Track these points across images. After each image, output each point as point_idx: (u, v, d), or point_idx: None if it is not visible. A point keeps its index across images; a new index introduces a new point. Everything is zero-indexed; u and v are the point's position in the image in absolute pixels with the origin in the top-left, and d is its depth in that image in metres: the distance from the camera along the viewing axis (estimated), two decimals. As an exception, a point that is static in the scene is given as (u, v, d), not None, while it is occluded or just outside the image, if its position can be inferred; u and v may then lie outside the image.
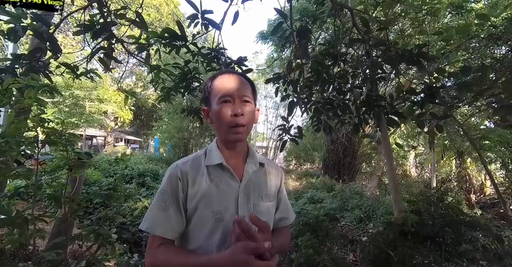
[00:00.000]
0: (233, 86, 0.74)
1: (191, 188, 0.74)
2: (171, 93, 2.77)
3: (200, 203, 0.72)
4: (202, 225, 0.72)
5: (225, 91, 0.73)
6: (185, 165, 0.77)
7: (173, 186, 0.74)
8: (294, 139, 2.56)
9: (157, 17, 15.19)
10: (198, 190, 0.73)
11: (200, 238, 0.72)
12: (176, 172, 0.75)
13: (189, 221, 0.74)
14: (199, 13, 2.00)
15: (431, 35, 3.13)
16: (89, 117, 12.77)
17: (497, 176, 7.43)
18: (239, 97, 0.73)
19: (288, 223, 0.91)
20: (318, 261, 1.69)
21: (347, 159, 9.31)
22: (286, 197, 0.93)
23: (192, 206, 0.72)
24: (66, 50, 9.31)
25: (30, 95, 0.99)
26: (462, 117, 5.78)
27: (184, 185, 0.74)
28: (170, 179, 0.75)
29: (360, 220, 4.50)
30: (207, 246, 0.71)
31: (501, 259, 1.65)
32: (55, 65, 1.92)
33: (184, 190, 0.74)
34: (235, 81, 0.75)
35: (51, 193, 1.22)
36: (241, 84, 0.76)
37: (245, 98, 0.75)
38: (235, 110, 0.71)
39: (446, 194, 2.13)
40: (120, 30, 5.12)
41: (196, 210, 0.72)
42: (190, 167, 0.77)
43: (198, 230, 0.72)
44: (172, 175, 0.75)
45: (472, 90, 1.90)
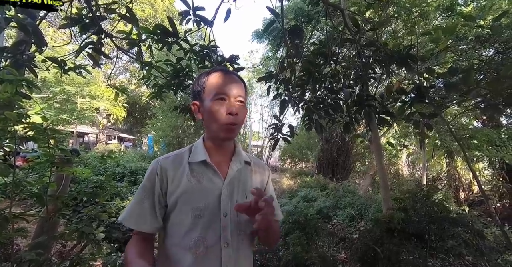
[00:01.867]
0: (229, 85, 0.74)
1: (170, 184, 0.74)
2: (163, 91, 2.74)
3: (179, 199, 0.72)
4: (181, 221, 0.72)
5: (221, 89, 0.73)
6: (166, 160, 0.77)
7: (151, 181, 0.74)
8: (286, 138, 2.57)
9: (151, 13, 14.96)
10: (178, 186, 0.73)
11: (179, 235, 0.72)
12: (156, 167, 0.76)
13: (169, 216, 0.74)
14: (191, 10, 1.98)
15: (421, 36, 3.19)
16: (80, 114, 12.52)
17: (485, 174, 7.63)
18: (234, 96, 0.74)
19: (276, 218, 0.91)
20: (306, 258, 1.70)
21: (341, 158, 9.40)
22: (274, 195, 0.91)
23: (172, 202, 0.73)
24: (57, 44, 9.10)
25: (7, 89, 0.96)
26: (451, 117, 5.91)
27: (163, 181, 0.74)
28: (149, 174, 0.76)
29: (352, 218, 4.56)
30: (185, 243, 0.70)
31: (483, 254, 1.70)
32: (41, 59, 1.87)
33: (162, 186, 0.74)
34: (231, 80, 0.76)
35: (33, 191, 1.19)
36: (236, 84, 0.76)
37: (239, 99, 0.75)
38: (230, 109, 0.72)
39: (432, 192, 2.18)
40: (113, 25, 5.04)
41: (175, 206, 0.72)
42: (172, 163, 0.77)
43: (177, 226, 0.72)
44: (152, 170, 0.76)
45: (459, 90, 1.94)
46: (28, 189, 1.15)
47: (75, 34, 2.21)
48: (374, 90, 3.91)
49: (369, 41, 2.57)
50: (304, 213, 2.32)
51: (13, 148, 1.05)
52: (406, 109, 2.39)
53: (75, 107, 12.22)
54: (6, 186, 1.10)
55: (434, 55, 2.43)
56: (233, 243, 0.72)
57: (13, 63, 1.68)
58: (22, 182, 1.13)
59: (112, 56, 6.25)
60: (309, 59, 2.44)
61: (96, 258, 1.50)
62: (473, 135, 5.73)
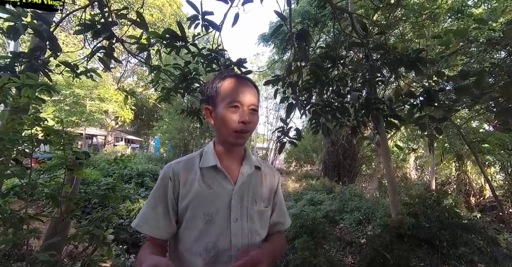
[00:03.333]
0: (243, 93, 0.74)
1: (182, 188, 0.74)
2: (171, 94, 2.78)
3: (190, 204, 0.72)
4: (192, 226, 0.72)
5: (235, 97, 0.73)
6: (178, 165, 0.78)
7: (164, 185, 0.75)
8: (292, 141, 2.56)
9: (160, 18, 15.24)
10: (189, 191, 0.73)
11: (190, 240, 0.72)
12: (168, 171, 0.76)
13: (181, 222, 0.74)
14: (199, 14, 2.02)
15: (431, 39, 3.15)
16: (89, 116, 12.79)
17: (497, 179, 7.41)
18: (247, 105, 0.74)
19: (283, 228, 0.90)
20: (314, 263, 1.69)
21: (347, 161, 9.30)
22: (283, 202, 0.92)
23: (183, 207, 0.73)
24: (69, 49, 9.35)
25: (27, 94, 1.00)
26: (461, 121, 5.79)
27: (175, 185, 0.74)
28: (162, 179, 0.76)
29: (359, 222, 4.49)
30: (196, 248, 0.70)
31: (497, 262, 1.65)
32: (54, 64, 1.93)
33: (175, 190, 0.74)
34: (246, 87, 0.76)
35: (48, 192, 1.22)
36: (250, 92, 0.76)
37: (253, 107, 0.75)
38: (243, 118, 0.72)
39: (443, 197, 2.13)
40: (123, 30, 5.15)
41: (186, 211, 0.72)
42: (183, 168, 0.77)
43: (188, 232, 0.72)
44: (164, 175, 0.76)
45: (470, 94, 1.90)
46: (43, 190, 1.18)
47: (88, 39, 2.27)
48: (381, 94, 3.88)
49: (377, 44, 2.56)
50: (311, 217, 2.30)
51: (31, 150, 1.09)
52: (415, 113, 2.36)
53: (84, 109, 12.50)
54: (22, 188, 1.13)
55: (444, 58, 2.39)
56: (243, 249, 0.71)
57: (28, 68, 1.74)
58: (38, 184, 1.16)
59: (122, 60, 6.39)
60: (317, 63, 2.45)
61: (106, 259, 1.52)
62: (484, 138, 5.59)
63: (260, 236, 0.78)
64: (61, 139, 1.18)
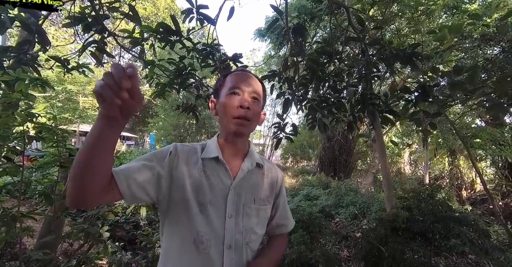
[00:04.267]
0: (245, 81, 0.75)
1: (180, 169, 0.71)
2: (166, 90, 2.74)
3: (186, 190, 0.69)
4: (185, 212, 0.69)
5: (236, 84, 0.74)
6: (183, 146, 0.77)
7: (160, 155, 0.72)
8: (289, 137, 2.56)
9: (153, 11, 14.95)
10: (188, 175, 0.71)
11: (182, 228, 0.69)
12: (171, 147, 0.75)
13: (174, 207, 0.70)
14: (194, 8, 1.98)
15: (426, 35, 3.16)
16: (83, 113, 12.59)
17: (487, 173, 7.59)
18: (248, 92, 0.74)
19: (286, 230, 0.88)
20: (310, 257, 1.71)
21: (343, 157, 9.38)
22: (286, 203, 0.89)
23: (178, 189, 0.69)
24: (59, 43, 9.11)
25: (20, 89, 0.97)
26: (455, 116, 5.88)
27: (174, 159, 0.72)
28: (162, 150, 0.74)
29: (355, 217, 4.56)
30: (188, 237, 0.68)
31: (487, 253, 1.70)
32: (44, 59, 1.87)
33: (168, 165, 0.70)
34: (249, 78, 0.77)
35: (41, 190, 1.20)
36: (253, 81, 0.77)
37: (254, 95, 0.75)
38: (242, 102, 0.71)
39: (436, 191, 2.17)
40: (115, 24, 5.02)
41: (181, 195, 0.69)
42: (188, 151, 0.76)
43: (181, 218, 0.69)
44: (167, 148, 0.75)
45: (464, 89, 1.93)
46: (36, 188, 1.16)
47: (78, 33, 2.21)
48: (377, 89, 3.90)
49: (374, 39, 2.56)
50: (307, 212, 2.33)
51: (23, 148, 1.06)
52: (410, 108, 2.38)
53: (77, 106, 12.28)
54: (14, 185, 1.11)
55: (438, 53, 2.41)
56: (237, 246, 0.70)
57: (17, 62, 1.68)
58: (31, 181, 1.13)
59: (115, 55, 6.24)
60: (313, 58, 2.43)
61: (102, 257, 1.51)
62: (476, 133, 5.70)
63: (256, 233, 0.76)
64: (54, 136, 1.15)
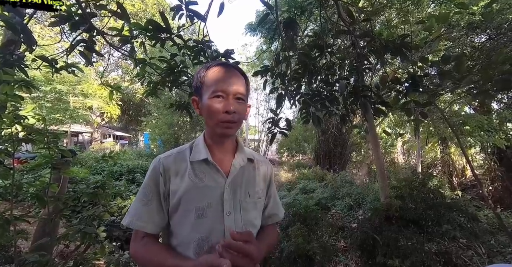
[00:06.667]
0: (227, 82, 0.71)
1: (173, 183, 0.72)
2: (158, 88, 2.70)
3: (182, 199, 0.71)
4: (184, 221, 0.71)
5: (219, 87, 0.70)
6: (167, 159, 0.76)
7: (155, 180, 0.73)
8: (283, 132, 2.58)
9: (141, 8, 14.57)
10: (180, 185, 0.72)
11: (181, 234, 0.71)
12: (158, 166, 0.74)
13: (172, 216, 0.73)
14: (183, 4, 1.94)
15: (415, 25, 3.19)
16: (73, 113, 12.31)
17: (477, 159, 7.81)
18: (232, 94, 0.71)
19: (278, 219, 0.91)
20: (308, 248, 1.75)
21: (337, 149, 9.49)
22: (276, 193, 0.92)
23: (175, 202, 0.71)
24: (45, 42, 8.83)
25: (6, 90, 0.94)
26: (445, 104, 5.99)
27: (166, 179, 0.73)
28: (152, 173, 0.74)
29: (351, 208, 4.64)
30: (189, 243, 0.69)
31: (477, 236, 1.77)
32: (31, 59, 1.82)
33: (166, 185, 0.72)
34: (231, 76, 0.72)
35: (34, 192, 1.19)
36: (236, 80, 0.72)
37: (238, 96, 0.72)
38: (227, 107, 0.69)
39: (428, 179, 2.23)
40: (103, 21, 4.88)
41: (178, 206, 0.71)
42: (173, 161, 0.75)
43: (180, 226, 0.71)
44: (154, 169, 0.74)
45: (452, 78, 1.96)
46: (28, 190, 1.14)
47: (65, 31, 2.15)
48: (369, 81, 3.93)
49: (364, 31, 2.56)
50: (304, 205, 2.37)
51: (13, 150, 1.04)
52: (401, 99, 2.42)
53: (67, 106, 12.01)
54: (6, 189, 1.09)
55: (427, 43, 2.44)
56: None
57: (2, 63, 1.64)
58: (23, 184, 1.12)
59: (104, 53, 6.10)
60: (304, 52, 2.43)
61: (99, 257, 1.51)
62: (465, 121, 5.84)
63: (255, 226, 0.78)
64: (45, 138, 1.13)
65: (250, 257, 0.60)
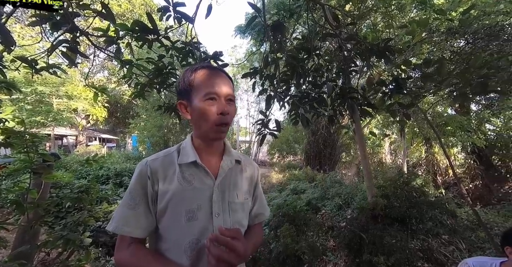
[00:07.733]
0: (218, 84, 0.72)
1: (161, 186, 0.71)
2: (145, 90, 2.65)
3: (170, 202, 0.70)
4: (173, 224, 0.70)
5: (211, 89, 0.70)
6: (155, 162, 0.74)
7: (143, 183, 0.71)
8: (272, 133, 2.60)
9: (128, 8, 14.28)
10: (168, 189, 0.71)
11: (171, 238, 0.70)
12: (145, 169, 0.72)
13: (160, 220, 0.71)
14: (170, 5, 1.93)
15: (398, 29, 3.31)
16: (57, 115, 11.85)
17: (459, 158, 8.13)
18: (224, 96, 0.72)
19: (264, 218, 0.93)
20: (296, 248, 1.77)
21: (327, 150, 9.63)
22: (262, 193, 0.94)
23: (163, 205, 0.70)
24: (25, 42, 8.49)
25: None
26: (428, 106, 6.22)
27: (154, 182, 0.71)
28: (139, 177, 0.72)
29: (340, 207, 4.72)
30: (180, 246, 0.69)
31: (456, 232, 1.85)
32: (9, 59, 1.75)
33: (154, 188, 0.71)
34: (221, 79, 0.73)
35: (12, 198, 1.14)
36: (225, 82, 0.74)
37: (229, 97, 0.73)
38: (222, 109, 0.70)
39: (412, 178, 2.31)
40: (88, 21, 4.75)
41: (166, 209, 0.70)
42: (161, 165, 0.74)
43: (169, 230, 0.71)
44: (141, 173, 0.72)
45: (434, 81, 2.05)
46: (7, 196, 1.09)
47: (46, 31, 2.08)
48: (355, 83, 4.03)
49: (350, 35, 2.63)
50: (293, 206, 2.39)
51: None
52: (386, 100, 2.49)
53: (50, 108, 11.55)
54: (-18, 195, 1.04)
55: (410, 47, 2.54)
56: None
57: (-22, 64, 1.56)
58: (1, 190, 1.07)
59: (89, 54, 5.93)
60: (293, 54, 2.47)
61: (84, 264, 1.46)
62: (447, 121, 6.09)
63: (243, 226, 0.79)
64: (24, 141, 1.09)
65: (237, 253, 0.61)
